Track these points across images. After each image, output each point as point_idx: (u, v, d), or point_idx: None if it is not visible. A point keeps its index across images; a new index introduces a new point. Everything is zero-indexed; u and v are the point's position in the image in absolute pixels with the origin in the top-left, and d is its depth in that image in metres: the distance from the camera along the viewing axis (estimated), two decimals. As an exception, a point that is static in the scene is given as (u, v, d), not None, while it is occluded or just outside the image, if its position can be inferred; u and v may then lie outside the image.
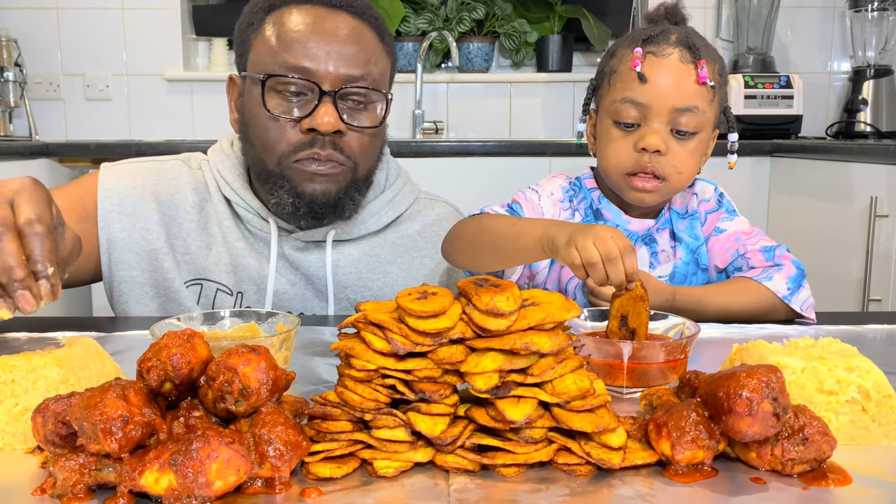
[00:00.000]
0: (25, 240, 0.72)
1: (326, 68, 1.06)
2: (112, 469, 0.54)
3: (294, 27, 1.08)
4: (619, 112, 1.15)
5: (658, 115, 1.13)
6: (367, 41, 1.10)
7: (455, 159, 2.45)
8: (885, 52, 2.84)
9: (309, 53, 1.06)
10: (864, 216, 2.06)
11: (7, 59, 2.83)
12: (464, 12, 2.98)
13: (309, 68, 1.06)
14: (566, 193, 1.25)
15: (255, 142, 1.11)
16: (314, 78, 1.06)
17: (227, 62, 3.08)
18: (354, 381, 0.60)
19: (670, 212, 1.25)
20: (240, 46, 1.16)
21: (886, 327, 1.07)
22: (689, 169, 1.16)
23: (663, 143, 1.13)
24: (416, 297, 0.60)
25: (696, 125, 1.14)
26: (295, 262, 1.18)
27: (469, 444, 0.59)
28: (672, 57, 1.14)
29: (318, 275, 1.18)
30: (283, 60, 1.06)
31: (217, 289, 1.17)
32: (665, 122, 1.13)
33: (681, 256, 1.23)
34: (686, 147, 1.15)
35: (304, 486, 0.56)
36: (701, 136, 1.16)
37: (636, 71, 1.13)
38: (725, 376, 0.59)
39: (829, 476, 0.58)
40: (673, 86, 1.12)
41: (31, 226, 0.72)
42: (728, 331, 1.03)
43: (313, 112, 1.06)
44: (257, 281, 1.16)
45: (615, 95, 1.16)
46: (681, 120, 1.13)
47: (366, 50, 1.09)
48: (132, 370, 0.60)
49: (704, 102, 1.14)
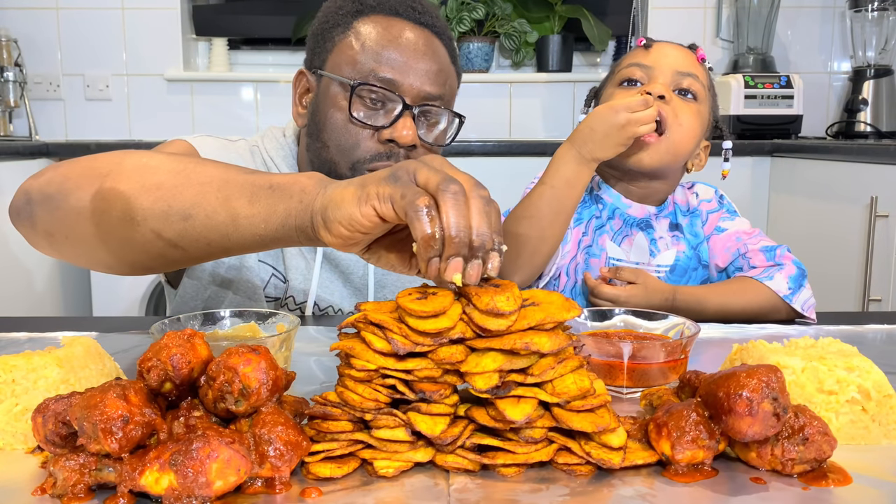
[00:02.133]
0: None
1: (410, 83, 1.07)
2: (112, 469, 0.54)
3: (383, 37, 1.09)
4: (625, 74, 1.21)
5: (662, 73, 1.18)
6: (444, 60, 1.13)
7: (455, 159, 2.43)
8: (885, 52, 2.84)
9: (395, 65, 1.07)
10: (864, 216, 2.06)
11: (7, 59, 2.83)
12: (464, 12, 2.98)
13: (395, 80, 1.07)
14: None
15: (329, 143, 1.11)
16: (398, 90, 1.07)
17: (227, 62, 3.08)
18: (354, 381, 0.60)
19: (675, 206, 1.25)
20: (318, 44, 1.15)
21: (886, 327, 1.07)
22: (688, 124, 1.17)
23: (666, 90, 1.16)
24: (417, 296, 0.60)
25: (697, 90, 1.18)
26: (335, 260, 1.20)
27: (469, 444, 0.59)
28: (672, 42, 1.23)
29: (357, 273, 1.20)
30: (371, 69, 1.07)
31: (272, 273, 1.18)
32: (668, 81, 1.18)
33: (684, 250, 1.23)
34: (688, 106, 1.17)
35: (305, 486, 0.56)
36: (700, 108, 1.19)
37: (641, 45, 1.22)
38: (725, 376, 0.59)
39: (829, 476, 0.58)
40: (675, 53, 1.21)
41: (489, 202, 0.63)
42: (728, 331, 1.03)
43: (394, 123, 1.07)
44: (302, 271, 1.17)
45: (621, 66, 1.23)
46: (682, 81, 1.18)
47: (444, 70, 1.12)
48: (132, 370, 0.60)
49: (703, 76, 1.20)
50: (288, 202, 0.70)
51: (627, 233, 1.23)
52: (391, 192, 0.61)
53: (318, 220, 0.67)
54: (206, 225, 0.74)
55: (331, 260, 1.20)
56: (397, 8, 1.11)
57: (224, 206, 0.73)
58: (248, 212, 0.72)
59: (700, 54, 1.21)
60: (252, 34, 3.13)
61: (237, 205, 0.73)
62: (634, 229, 1.22)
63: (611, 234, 1.23)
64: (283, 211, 0.70)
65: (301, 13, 3.01)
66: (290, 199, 0.70)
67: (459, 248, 0.59)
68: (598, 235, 1.23)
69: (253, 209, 0.72)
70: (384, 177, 0.63)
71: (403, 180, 0.62)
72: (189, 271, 1.17)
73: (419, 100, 1.08)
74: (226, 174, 0.75)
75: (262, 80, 3.05)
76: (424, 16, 1.11)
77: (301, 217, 0.69)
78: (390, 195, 0.61)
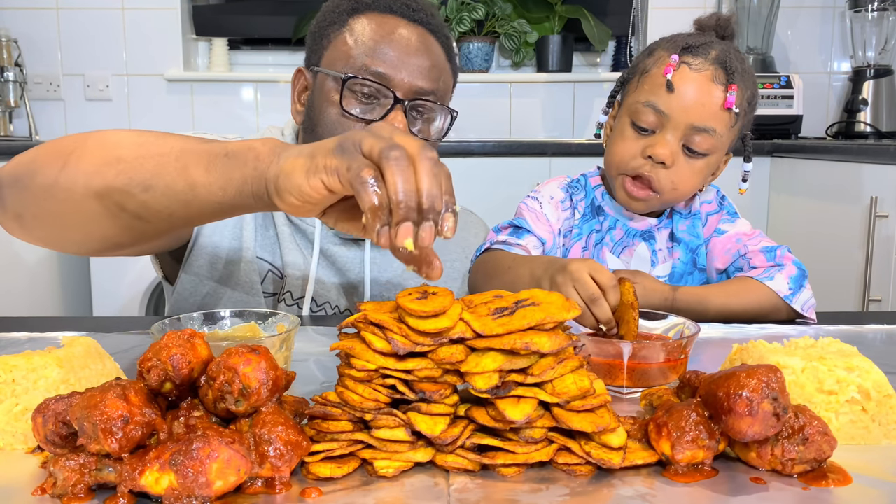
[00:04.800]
0: None
1: (402, 78, 1.09)
2: (112, 469, 0.54)
3: (376, 34, 1.11)
4: (639, 114, 1.15)
5: (675, 127, 1.12)
6: (438, 57, 1.14)
7: (455, 159, 2.45)
8: (885, 52, 2.83)
9: (388, 60, 1.09)
10: (864, 216, 2.06)
11: (7, 59, 2.83)
12: (464, 12, 2.98)
13: (387, 75, 1.08)
14: (567, 192, 1.26)
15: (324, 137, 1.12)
16: (390, 85, 1.08)
17: (227, 62, 3.08)
18: (355, 381, 0.60)
19: (673, 213, 1.25)
20: (316, 42, 1.17)
21: (886, 327, 1.07)
22: (686, 187, 1.16)
23: (671, 157, 1.13)
24: (417, 297, 0.60)
25: (710, 147, 1.13)
26: (332, 257, 1.21)
27: (469, 444, 0.59)
28: (705, 73, 1.12)
29: (354, 270, 1.21)
30: (364, 63, 1.09)
31: (269, 269, 1.19)
32: (680, 136, 1.13)
33: (679, 256, 1.23)
34: (692, 166, 1.15)
35: (305, 486, 0.56)
36: (710, 159, 1.16)
37: (666, 78, 1.12)
38: (725, 376, 0.59)
39: (829, 476, 0.58)
40: (697, 103, 1.12)
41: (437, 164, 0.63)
42: (728, 331, 1.03)
43: (385, 117, 1.08)
44: (300, 267, 1.18)
45: (640, 97, 1.16)
46: (695, 138, 1.12)
47: (437, 66, 1.13)
48: (132, 370, 0.60)
49: (724, 126, 1.13)
50: (243, 169, 0.71)
51: (628, 243, 1.23)
52: (337, 165, 0.62)
53: (271, 188, 0.68)
54: (167, 195, 0.75)
55: (328, 256, 1.20)
56: (392, 5, 1.12)
57: (182, 175, 0.74)
58: (206, 180, 0.73)
59: (729, 100, 1.11)
60: (252, 34, 3.13)
61: (195, 173, 0.73)
62: (637, 239, 1.23)
63: (611, 245, 1.23)
64: (238, 178, 0.71)
65: (301, 13, 3.01)
66: (245, 167, 0.70)
67: (408, 213, 0.59)
68: (598, 249, 1.23)
69: (210, 177, 0.73)
70: (332, 148, 0.64)
71: (350, 151, 0.62)
72: (186, 268, 1.17)
73: (411, 94, 1.09)
74: (184, 144, 0.76)
75: (262, 80, 3.05)
76: (419, 13, 1.13)
77: (256, 184, 0.70)
78: (336, 167, 0.62)
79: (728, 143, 1.17)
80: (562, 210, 1.24)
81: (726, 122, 1.13)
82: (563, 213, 1.24)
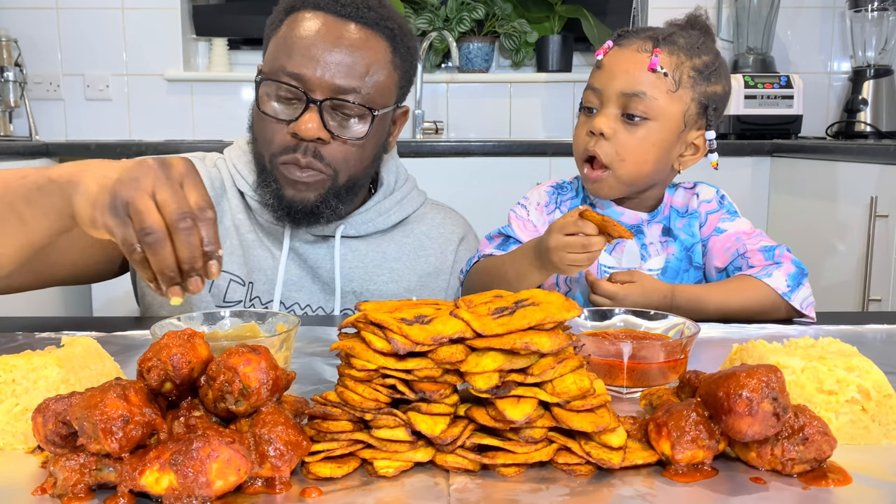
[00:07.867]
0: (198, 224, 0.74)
1: (320, 76, 1.08)
2: (112, 469, 0.54)
3: (300, 33, 1.10)
4: (584, 98, 1.21)
5: (609, 99, 1.16)
6: (370, 53, 1.11)
7: (455, 159, 2.45)
8: (885, 52, 2.83)
9: (305, 61, 1.08)
10: (864, 216, 2.06)
11: (7, 59, 2.83)
12: (464, 12, 2.98)
13: (302, 75, 1.08)
14: (552, 196, 1.28)
15: (256, 137, 1.16)
16: (305, 86, 1.08)
17: (227, 62, 3.08)
18: (355, 381, 0.60)
19: (670, 209, 1.25)
20: (265, 44, 1.19)
21: (886, 327, 1.07)
22: (633, 157, 1.16)
23: (609, 127, 1.15)
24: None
25: (645, 110, 1.14)
26: (303, 255, 1.21)
27: (469, 443, 0.59)
28: (632, 46, 1.17)
29: (325, 268, 1.21)
30: (282, 65, 1.09)
31: (230, 279, 1.19)
32: (616, 106, 1.16)
33: (673, 252, 1.23)
34: (634, 134, 1.15)
35: (305, 486, 0.56)
36: (652, 125, 1.15)
37: (597, 59, 1.20)
38: (725, 376, 0.59)
39: (829, 476, 0.58)
40: (622, 70, 1.16)
41: (203, 212, 0.74)
42: (728, 331, 1.03)
43: (299, 118, 1.08)
44: (267, 272, 1.19)
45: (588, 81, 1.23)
46: (629, 105, 1.15)
47: (365, 62, 1.10)
48: (132, 370, 0.60)
49: (656, 90, 1.14)
50: (52, 198, 0.80)
51: (619, 240, 1.23)
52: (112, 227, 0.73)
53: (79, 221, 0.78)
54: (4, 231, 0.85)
55: (299, 254, 1.21)
56: (320, 2, 1.12)
57: (10, 210, 0.84)
58: (30, 212, 0.83)
59: (653, 62, 1.13)
60: (252, 34, 3.13)
61: (20, 208, 0.83)
62: None
63: None
64: (52, 207, 0.80)
65: (301, 13, 3.01)
66: (53, 196, 0.80)
67: (172, 280, 0.73)
68: None
69: (32, 209, 0.82)
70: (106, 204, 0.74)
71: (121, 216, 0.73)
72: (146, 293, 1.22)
73: (329, 93, 1.08)
74: (5, 181, 0.84)
75: (262, 80, 3.05)
76: (349, 8, 1.11)
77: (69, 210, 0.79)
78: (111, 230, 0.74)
79: (672, 110, 1.15)
80: (546, 214, 1.26)
81: (658, 86, 1.14)
82: (547, 217, 1.26)
